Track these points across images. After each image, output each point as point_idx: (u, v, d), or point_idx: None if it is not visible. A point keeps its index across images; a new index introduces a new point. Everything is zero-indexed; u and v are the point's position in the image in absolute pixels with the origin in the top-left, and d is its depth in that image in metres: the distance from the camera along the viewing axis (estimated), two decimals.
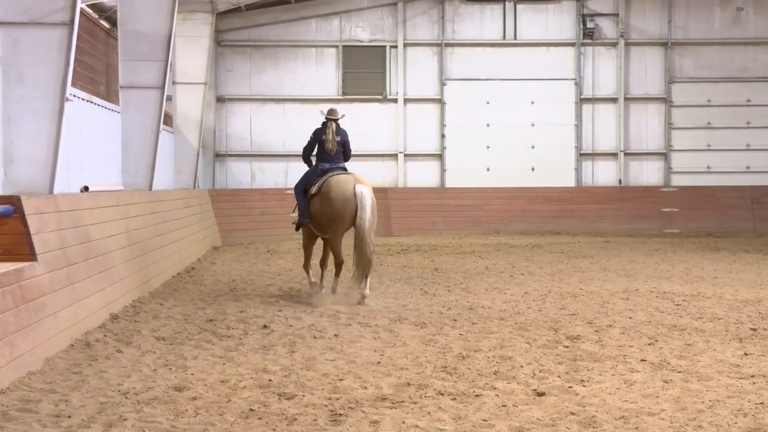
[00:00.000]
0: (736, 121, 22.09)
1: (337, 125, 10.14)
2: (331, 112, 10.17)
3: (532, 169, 22.08)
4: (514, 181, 21.81)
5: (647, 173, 22.22)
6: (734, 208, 21.37)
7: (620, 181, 22.14)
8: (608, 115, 22.20)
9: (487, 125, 22.12)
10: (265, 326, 8.18)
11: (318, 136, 10.14)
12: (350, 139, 10.35)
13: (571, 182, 22.04)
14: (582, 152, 22.23)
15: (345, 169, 10.05)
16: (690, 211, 21.39)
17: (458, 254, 15.80)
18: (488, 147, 22.07)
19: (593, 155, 22.20)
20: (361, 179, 9.81)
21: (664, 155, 22.31)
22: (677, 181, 22.10)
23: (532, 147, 22.09)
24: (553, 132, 22.08)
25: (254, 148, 21.75)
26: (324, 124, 10.14)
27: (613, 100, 22.13)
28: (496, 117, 22.08)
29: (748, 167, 22.12)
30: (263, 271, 13.20)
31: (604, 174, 22.17)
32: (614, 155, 22.21)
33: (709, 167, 22.11)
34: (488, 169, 22.05)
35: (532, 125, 22.14)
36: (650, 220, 21.44)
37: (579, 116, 22.19)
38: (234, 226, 19.02)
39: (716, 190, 21.64)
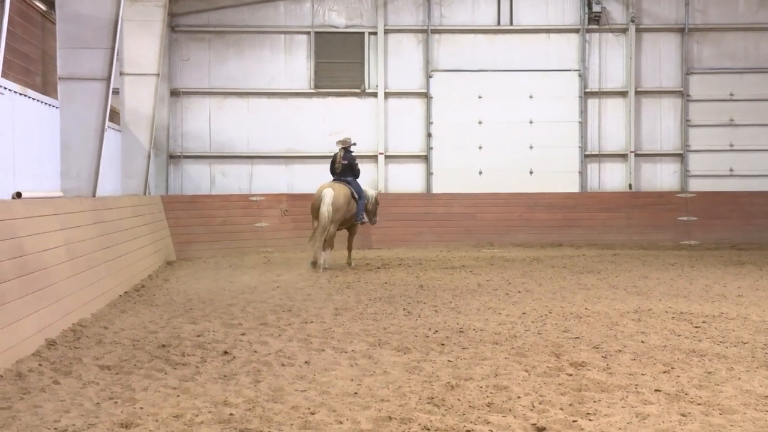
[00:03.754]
0: (762, 117, 21.87)
1: (345, 150, 15.94)
2: (342, 141, 16.04)
3: (531, 173, 21.95)
4: (510, 186, 21.66)
5: (661, 177, 22.06)
6: (761, 216, 21.20)
7: (630, 185, 22.01)
8: (617, 111, 22.06)
9: (480, 123, 21.98)
10: (225, 352, 8.18)
11: (333, 158, 16.20)
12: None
13: (574, 187, 21.91)
14: (587, 153, 22.06)
15: (344, 182, 15.64)
16: (710, 220, 21.20)
17: (447, 269, 15.76)
18: (480, 147, 21.94)
19: (600, 156, 22.02)
20: (336, 186, 15.41)
21: (681, 156, 22.12)
22: (696, 185, 21.86)
23: (531, 147, 21.93)
24: (555, 130, 21.94)
25: (214, 149, 21.63)
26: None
27: (623, 93, 22.06)
28: (490, 113, 21.96)
29: None
30: (224, 289, 13.19)
31: (613, 178, 22.06)
32: (623, 156, 22.10)
33: (731, 170, 21.96)
34: (480, 173, 21.95)
35: (531, 123, 21.95)
36: (665, 231, 21.21)
37: (584, 112, 22.01)
38: (191, 238, 18.95)
39: (740, 196, 21.47)
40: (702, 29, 21.96)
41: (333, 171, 16.14)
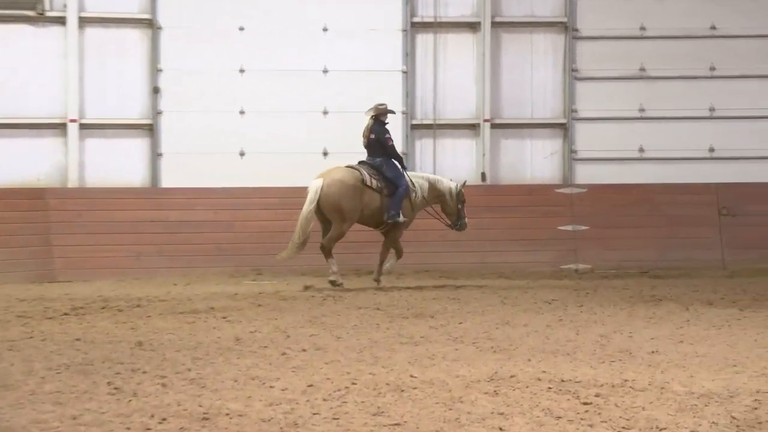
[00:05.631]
0: (691, 65, 21.21)
1: (374, 121, 16.72)
2: (374, 108, 16.81)
3: (325, 154, 20.87)
4: (292, 176, 19.86)
5: (533, 161, 21.51)
6: (688, 223, 20.54)
7: (483, 174, 21.15)
8: (463, 55, 21.33)
9: (241, 71, 20.96)
10: None
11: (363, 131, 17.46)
12: None
13: None
14: (415, 122, 21.12)
15: (367, 164, 16.66)
16: (609, 231, 20.54)
17: (184, 314, 14.61)
18: (243, 112, 20.88)
19: (435, 128, 21.10)
20: (333, 172, 16.67)
21: (563, 128, 21.42)
22: (586, 174, 21.31)
23: (325, 113, 21.00)
24: (363, 85, 20.85)
25: None
26: None
27: (472, 26, 21.27)
28: (258, 56, 20.99)
29: (711, 149, 21.20)
30: None
31: (456, 162, 21.33)
32: (473, 128, 21.38)
33: (642, 150, 21.25)
34: (243, 154, 20.90)
35: (325, 72, 21.12)
36: (538, 248, 20.50)
37: (410, 56, 21.15)
38: None
39: (655, 191, 20.94)
40: None
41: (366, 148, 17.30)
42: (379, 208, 16.88)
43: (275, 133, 20.73)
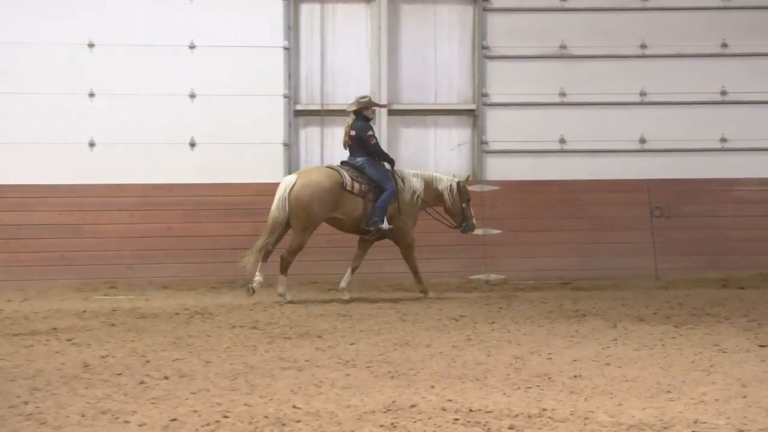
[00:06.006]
0: (619, 42, 20.76)
1: (356, 116, 16.97)
2: (356, 102, 17.10)
3: (192, 145, 20.23)
4: (153, 171, 19.91)
5: (437, 153, 21.04)
6: (617, 226, 20.30)
7: None
8: (356, 29, 20.84)
9: (90, 46, 19.99)
10: None
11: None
12: None
13: (277, 171, 20.27)
14: (299, 108, 20.43)
15: (349, 165, 16.88)
16: (526, 235, 20.29)
17: (20, 336, 14.25)
18: (92, 95, 19.95)
19: (323, 114, 20.63)
20: (306, 173, 17.01)
21: (473, 115, 20.83)
22: (498, 169, 20.64)
23: (192, 96, 20.21)
24: (237, 63, 20.39)
25: None
26: None
27: None
28: (109, 28, 20.01)
29: (642, 140, 20.64)
30: None
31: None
32: None
33: (563, 141, 20.61)
34: (92, 145, 20.05)
35: (192, 48, 20.27)
36: (442, 255, 19.90)
37: (293, 29, 20.45)
38: None
39: (579, 188, 20.54)
40: None
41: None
42: (363, 215, 16.90)
43: (132, 119, 19.80)
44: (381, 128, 20.84)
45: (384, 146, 20.28)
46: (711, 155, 20.53)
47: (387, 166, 17.13)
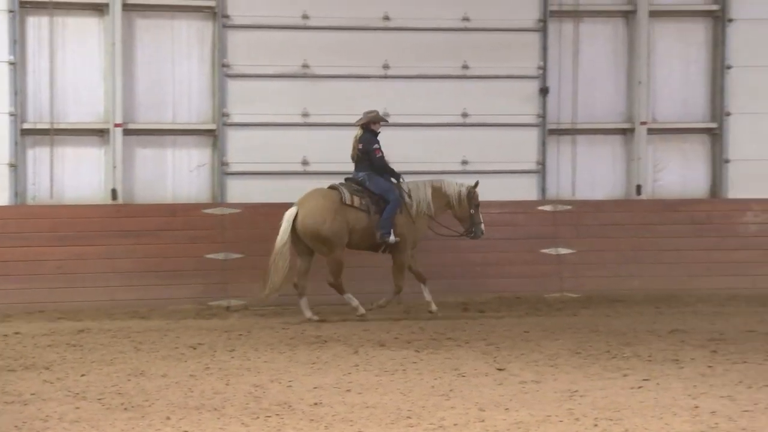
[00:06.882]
0: (362, 58, 20.33)
1: (365, 131, 17.38)
2: (364, 116, 17.50)
3: None
4: None
5: (175, 174, 20.19)
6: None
7: (114, 191, 19.63)
8: (88, 44, 19.83)
9: None
10: None
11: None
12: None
13: (3, 192, 19.47)
14: (27, 126, 19.40)
15: (354, 182, 17.38)
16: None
17: None
18: None
19: (52, 134, 19.51)
20: (311, 197, 17.40)
21: (213, 135, 20.14)
22: (240, 191, 20.15)
23: None
24: None
25: None
26: None
27: (98, 8, 19.97)
28: None
29: (463, 162, 20.23)
30: None
31: (80, 176, 19.92)
32: (101, 134, 19.81)
33: (305, 161, 20.13)
34: None
35: None
36: (180, 281, 19.34)
37: (19, 43, 19.41)
38: None
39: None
40: None
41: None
42: (368, 229, 17.05)
43: None
44: (115, 149, 19.96)
45: (118, 168, 19.83)
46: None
47: (393, 179, 17.44)
